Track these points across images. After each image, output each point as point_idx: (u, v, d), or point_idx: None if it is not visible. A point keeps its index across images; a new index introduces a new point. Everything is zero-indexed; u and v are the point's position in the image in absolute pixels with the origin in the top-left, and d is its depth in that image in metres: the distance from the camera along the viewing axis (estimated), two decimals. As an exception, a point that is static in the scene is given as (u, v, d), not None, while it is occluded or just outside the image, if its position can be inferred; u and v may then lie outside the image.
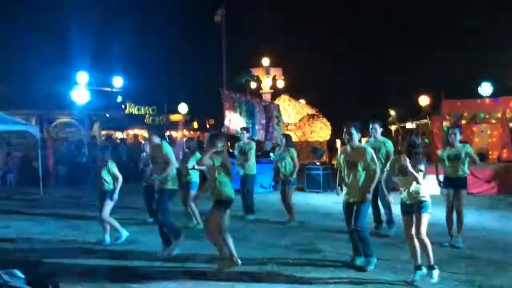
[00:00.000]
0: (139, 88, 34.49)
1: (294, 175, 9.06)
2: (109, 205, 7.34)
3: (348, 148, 6.08)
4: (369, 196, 5.92)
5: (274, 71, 30.00)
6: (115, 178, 7.36)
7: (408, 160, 5.30)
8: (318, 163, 14.56)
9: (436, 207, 6.15)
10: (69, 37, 27.21)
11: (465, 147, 7.32)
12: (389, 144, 7.84)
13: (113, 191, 7.32)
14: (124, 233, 7.48)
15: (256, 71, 29.43)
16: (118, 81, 29.17)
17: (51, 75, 27.76)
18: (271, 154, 9.93)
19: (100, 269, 6.11)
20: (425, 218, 5.36)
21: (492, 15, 29.48)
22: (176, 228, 6.81)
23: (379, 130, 7.92)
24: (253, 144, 9.88)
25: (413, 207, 5.40)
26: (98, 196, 7.50)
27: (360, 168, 5.91)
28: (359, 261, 6.03)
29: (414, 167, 5.29)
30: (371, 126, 7.92)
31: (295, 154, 9.11)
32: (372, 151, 6.05)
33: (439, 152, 7.60)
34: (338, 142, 22.44)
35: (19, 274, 4.08)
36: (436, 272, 5.30)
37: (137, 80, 33.76)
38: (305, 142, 27.25)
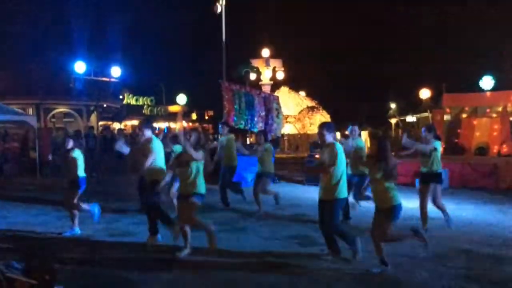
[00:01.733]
0: (138, 79, 34.39)
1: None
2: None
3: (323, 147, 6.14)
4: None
5: (274, 63, 29.94)
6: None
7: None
8: (317, 156, 14.49)
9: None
10: (67, 26, 27.04)
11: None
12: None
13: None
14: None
15: (255, 62, 29.36)
16: (116, 71, 29.01)
17: (49, 65, 27.61)
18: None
19: (98, 260, 6.06)
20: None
21: (495, 9, 29.40)
22: (168, 218, 6.85)
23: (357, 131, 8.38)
24: (233, 137, 10.13)
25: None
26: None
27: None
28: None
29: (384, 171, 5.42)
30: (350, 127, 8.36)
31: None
32: (340, 148, 5.97)
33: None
34: (338, 135, 22.37)
35: (16, 264, 4.02)
36: None
37: (136, 70, 33.66)
38: (305, 135, 27.24)
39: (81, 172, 7.53)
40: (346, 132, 8.82)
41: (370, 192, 6.17)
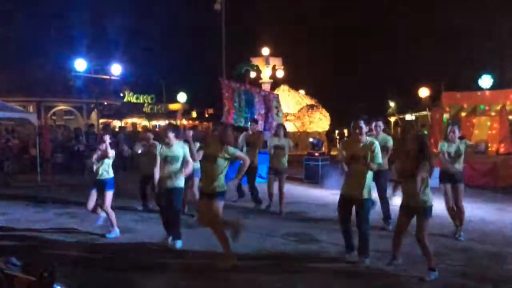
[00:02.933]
0: (138, 77, 34.35)
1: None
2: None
3: (354, 141, 5.88)
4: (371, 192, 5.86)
5: (274, 61, 29.85)
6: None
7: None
8: (316, 154, 14.53)
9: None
10: (68, 24, 27.02)
11: (463, 141, 7.34)
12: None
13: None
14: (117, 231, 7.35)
15: (255, 61, 29.28)
16: (116, 69, 28.97)
17: (49, 62, 27.60)
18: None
19: (97, 257, 6.10)
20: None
21: (494, 9, 29.36)
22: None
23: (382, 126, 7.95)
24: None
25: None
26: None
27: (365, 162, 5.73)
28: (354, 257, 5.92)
29: None
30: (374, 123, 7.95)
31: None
32: (379, 146, 5.88)
33: (440, 145, 7.57)
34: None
35: (15, 261, 4.04)
36: None
37: (136, 68, 33.60)
38: (304, 133, 27.25)
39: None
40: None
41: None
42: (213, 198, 5.72)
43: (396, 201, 5.85)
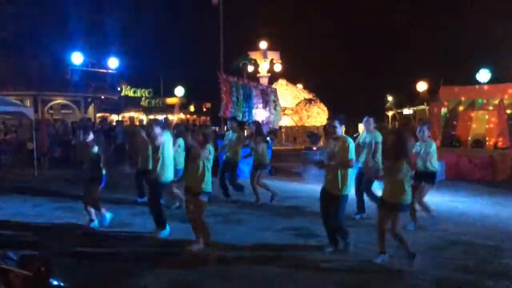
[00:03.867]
0: (135, 70, 34.21)
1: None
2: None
3: (331, 139, 6.09)
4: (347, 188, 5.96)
5: (272, 55, 29.81)
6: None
7: None
8: (314, 148, 14.51)
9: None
10: (64, 17, 26.84)
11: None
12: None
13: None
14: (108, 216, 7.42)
15: (253, 54, 29.23)
16: (113, 62, 28.87)
17: (46, 56, 27.45)
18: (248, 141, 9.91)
19: (95, 252, 6.08)
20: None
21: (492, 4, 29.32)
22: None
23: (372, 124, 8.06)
24: (241, 133, 10.01)
25: None
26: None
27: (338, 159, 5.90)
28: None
29: None
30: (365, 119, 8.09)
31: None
32: (352, 142, 6.01)
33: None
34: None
35: (11, 255, 4.01)
36: None
37: (133, 62, 33.46)
38: (302, 127, 27.25)
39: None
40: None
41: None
42: (198, 196, 5.91)
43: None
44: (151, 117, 33.86)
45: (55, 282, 3.97)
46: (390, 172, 5.38)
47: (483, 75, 20.50)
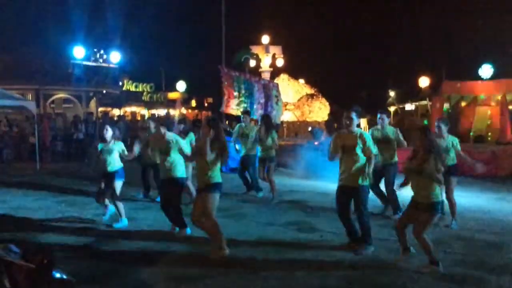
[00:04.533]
0: (137, 65, 34.17)
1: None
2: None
3: (346, 132, 5.98)
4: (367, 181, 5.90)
5: (274, 49, 29.72)
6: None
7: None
8: (316, 143, 14.49)
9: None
10: (66, 11, 26.80)
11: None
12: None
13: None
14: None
15: (255, 49, 29.15)
16: (115, 57, 28.84)
17: (48, 50, 27.45)
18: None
19: (97, 245, 6.09)
20: None
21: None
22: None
23: (387, 120, 7.91)
24: (254, 127, 9.82)
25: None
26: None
27: (358, 152, 5.84)
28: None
29: None
30: (379, 115, 7.92)
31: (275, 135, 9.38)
32: (370, 136, 6.01)
33: None
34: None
35: (14, 248, 4.03)
36: None
37: (135, 56, 33.41)
38: (304, 122, 27.23)
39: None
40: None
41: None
42: (206, 191, 5.67)
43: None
44: (153, 111, 33.90)
45: (58, 275, 4.00)
46: (419, 171, 5.17)
47: (486, 70, 20.43)
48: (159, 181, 7.50)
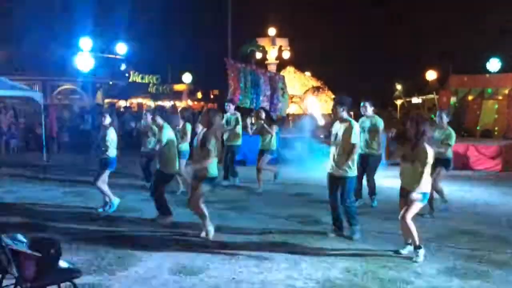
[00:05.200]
0: (143, 56, 34.11)
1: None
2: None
3: (337, 122, 6.13)
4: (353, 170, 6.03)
5: (280, 42, 29.55)
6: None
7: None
8: (321, 136, 14.45)
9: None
10: (73, 2, 26.78)
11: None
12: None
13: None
14: (116, 201, 7.50)
15: (261, 41, 28.99)
16: (121, 48, 28.85)
17: (55, 41, 27.47)
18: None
19: (102, 236, 6.14)
20: None
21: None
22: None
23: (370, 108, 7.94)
24: (232, 117, 9.99)
25: None
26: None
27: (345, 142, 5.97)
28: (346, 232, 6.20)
29: None
30: (362, 103, 7.99)
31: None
32: (357, 125, 6.11)
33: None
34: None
35: (22, 238, 4.08)
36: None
37: (141, 48, 33.35)
38: (309, 115, 27.16)
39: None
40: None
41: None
42: (200, 182, 5.93)
43: None
44: (159, 103, 33.91)
45: (64, 264, 4.04)
46: (409, 159, 5.27)
47: (493, 64, 20.30)
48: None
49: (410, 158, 5.28)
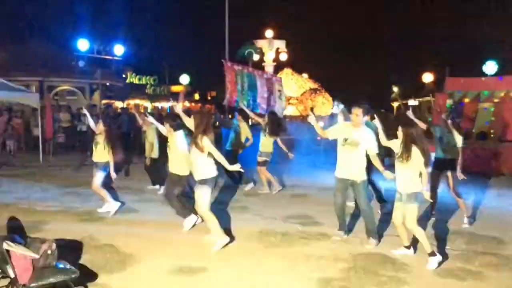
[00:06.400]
0: (141, 58, 34.10)
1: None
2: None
3: (351, 126, 6.01)
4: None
5: (278, 44, 29.63)
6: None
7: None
8: (319, 138, 14.49)
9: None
10: (71, 3, 26.78)
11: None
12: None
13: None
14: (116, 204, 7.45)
15: (259, 43, 29.06)
16: (119, 49, 28.79)
17: (52, 42, 27.44)
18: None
19: (99, 236, 6.13)
20: None
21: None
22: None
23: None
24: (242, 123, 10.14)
25: None
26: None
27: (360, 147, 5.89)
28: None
29: None
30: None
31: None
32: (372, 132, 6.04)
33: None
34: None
35: (19, 239, 4.08)
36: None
37: (139, 49, 33.34)
38: (307, 117, 27.22)
39: None
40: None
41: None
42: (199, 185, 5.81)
43: None
44: (156, 104, 33.90)
45: (61, 265, 4.04)
46: (403, 162, 5.28)
47: (490, 67, 20.35)
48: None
49: (401, 161, 5.31)
